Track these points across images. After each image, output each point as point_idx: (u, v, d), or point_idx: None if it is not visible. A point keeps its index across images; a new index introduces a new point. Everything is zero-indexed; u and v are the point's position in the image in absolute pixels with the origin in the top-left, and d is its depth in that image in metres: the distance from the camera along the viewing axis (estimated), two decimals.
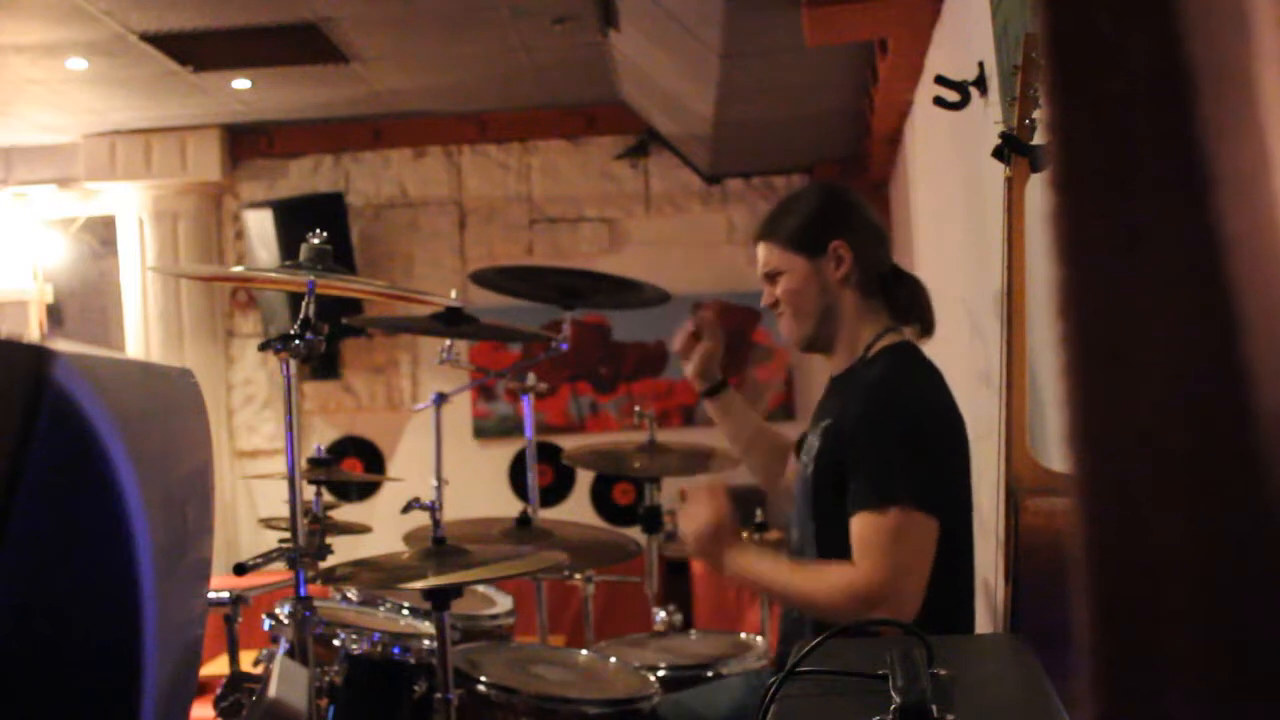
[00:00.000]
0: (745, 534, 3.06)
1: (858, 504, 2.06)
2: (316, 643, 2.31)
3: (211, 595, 2.19)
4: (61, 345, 0.80)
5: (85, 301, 6.53)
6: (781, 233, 2.29)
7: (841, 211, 2.29)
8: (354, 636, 2.49)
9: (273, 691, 1.53)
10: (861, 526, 2.05)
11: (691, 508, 2.22)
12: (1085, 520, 0.45)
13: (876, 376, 2.18)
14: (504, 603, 3.03)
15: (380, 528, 3.44)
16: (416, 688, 2.42)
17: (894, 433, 2.09)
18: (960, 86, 2.61)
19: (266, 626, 2.49)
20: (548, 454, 5.38)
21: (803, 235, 2.27)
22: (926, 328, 2.31)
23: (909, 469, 2.05)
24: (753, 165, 6.10)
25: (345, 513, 3.27)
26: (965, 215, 3.16)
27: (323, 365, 6.26)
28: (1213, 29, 0.44)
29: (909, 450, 2.07)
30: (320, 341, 2.15)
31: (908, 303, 2.28)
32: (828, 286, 2.25)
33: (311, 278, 2.16)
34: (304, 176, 6.33)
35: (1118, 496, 0.45)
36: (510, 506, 4.34)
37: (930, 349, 2.34)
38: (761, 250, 2.31)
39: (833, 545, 2.11)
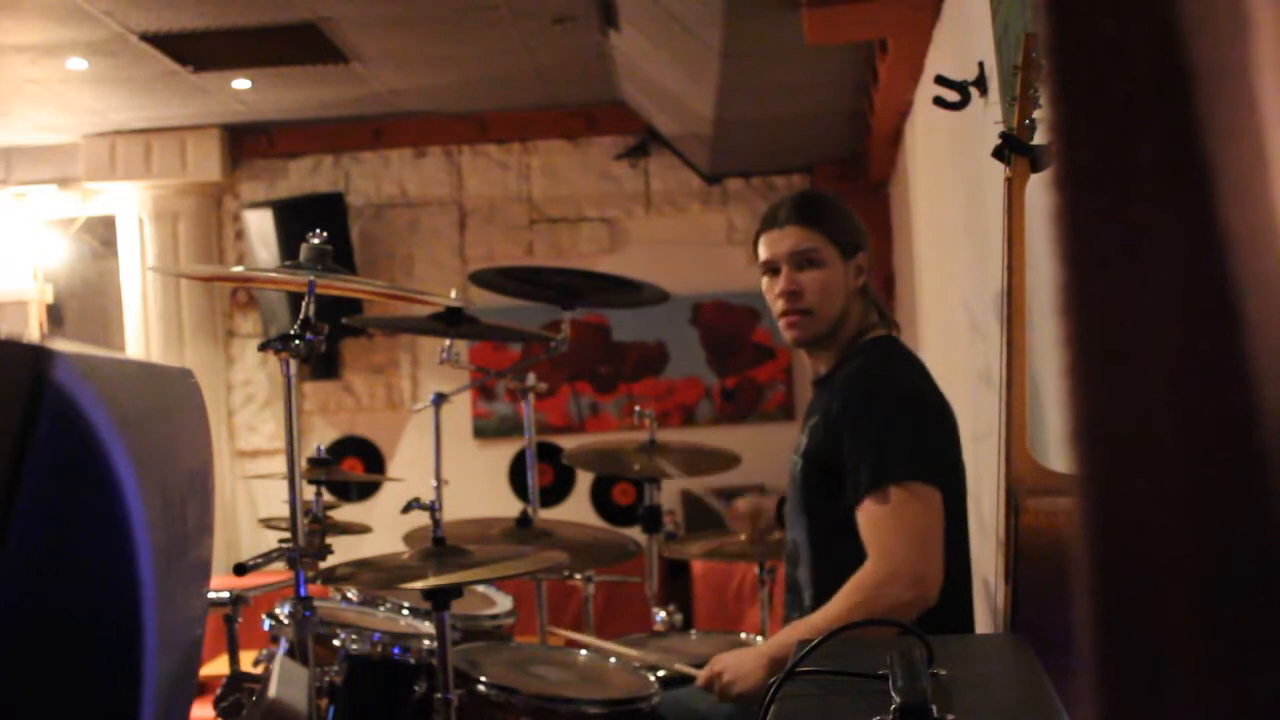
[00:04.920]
0: (745, 534, 3.06)
1: (858, 493, 2.08)
2: (316, 643, 2.31)
3: (211, 595, 2.19)
4: (61, 345, 0.80)
5: (85, 301, 6.53)
6: (826, 224, 2.30)
7: (862, 226, 2.37)
8: (354, 636, 2.49)
9: (273, 691, 1.53)
10: (866, 515, 2.07)
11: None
12: (1086, 520, 0.45)
13: (857, 367, 2.23)
14: (504, 603, 3.03)
15: (380, 528, 3.44)
16: (416, 688, 2.42)
17: (879, 414, 2.12)
18: (960, 86, 2.61)
19: (266, 626, 2.49)
20: (548, 454, 5.38)
21: (844, 236, 2.30)
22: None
23: (899, 445, 2.08)
24: (753, 165, 6.10)
25: (345, 513, 3.27)
26: (965, 215, 3.16)
27: (323, 365, 6.25)
28: (1213, 30, 0.44)
29: (896, 427, 2.10)
30: (320, 341, 2.15)
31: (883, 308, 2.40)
32: (848, 292, 2.30)
33: (311, 278, 2.16)
34: (304, 176, 6.33)
35: (1119, 496, 0.45)
36: (510, 506, 4.34)
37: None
38: (799, 234, 2.29)
39: (825, 538, 2.13)
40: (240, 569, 2.17)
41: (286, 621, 2.33)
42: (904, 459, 2.06)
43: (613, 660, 2.73)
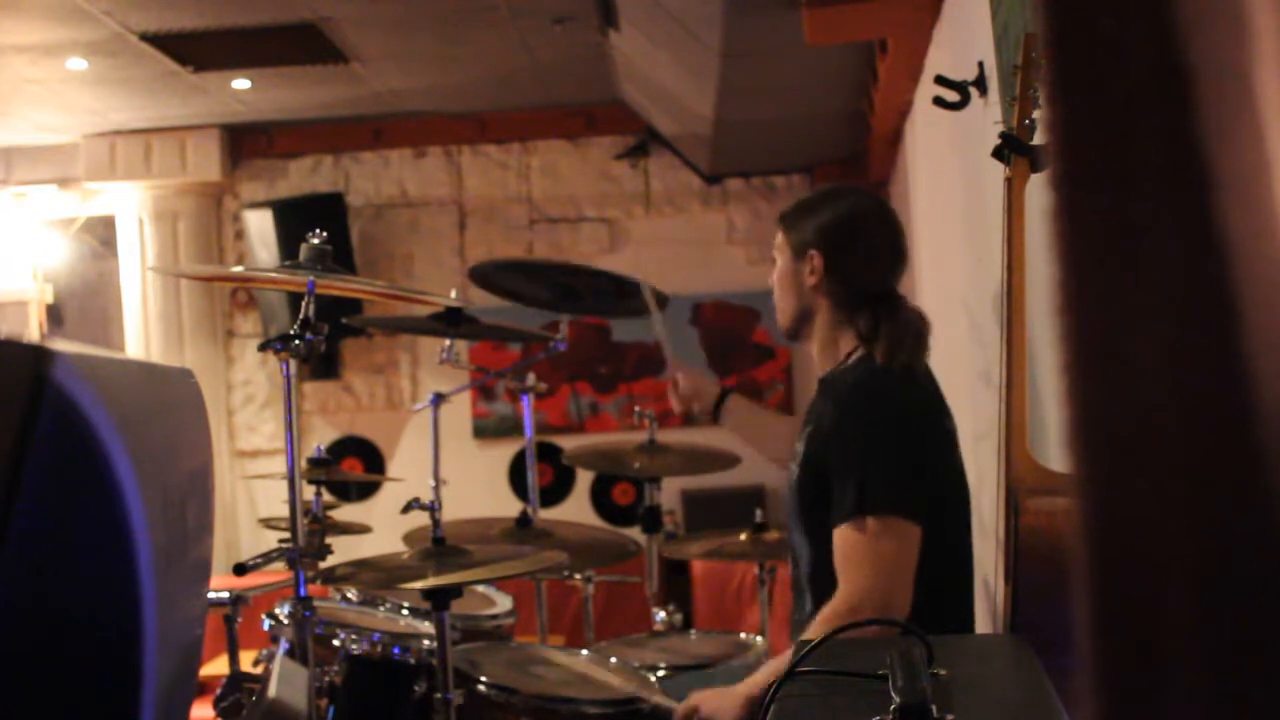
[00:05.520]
0: (745, 534, 3.05)
1: (836, 517, 2.08)
2: (316, 643, 2.31)
3: (211, 595, 2.19)
4: (61, 345, 0.80)
5: (85, 301, 6.53)
6: (785, 221, 2.33)
7: (836, 224, 2.26)
8: (354, 636, 2.49)
9: (273, 691, 1.53)
10: (841, 541, 2.07)
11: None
12: (1085, 520, 0.45)
13: (849, 383, 2.19)
14: (504, 603, 3.03)
15: (380, 528, 3.44)
16: (416, 688, 2.42)
17: (865, 441, 2.10)
18: (960, 86, 2.61)
19: (266, 626, 2.49)
20: (548, 454, 5.37)
21: (795, 232, 2.29)
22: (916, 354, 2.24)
23: (881, 475, 2.06)
24: (753, 165, 6.10)
25: (345, 513, 3.27)
26: (965, 215, 3.16)
27: (323, 365, 6.25)
28: (1212, 30, 0.44)
29: (881, 457, 2.08)
30: (320, 341, 2.15)
31: (892, 337, 2.20)
32: (802, 289, 2.27)
33: (311, 278, 2.16)
34: (304, 176, 6.33)
35: (1118, 496, 0.45)
36: (510, 506, 4.34)
37: (931, 348, 2.33)
38: (777, 229, 2.37)
39: (824, 546, 2.13)
40: (240, 569, 2.17)
41: (286, 621, 2.33)
42: (884, 490, 2.05)
43: (612, 659, 2.73)
